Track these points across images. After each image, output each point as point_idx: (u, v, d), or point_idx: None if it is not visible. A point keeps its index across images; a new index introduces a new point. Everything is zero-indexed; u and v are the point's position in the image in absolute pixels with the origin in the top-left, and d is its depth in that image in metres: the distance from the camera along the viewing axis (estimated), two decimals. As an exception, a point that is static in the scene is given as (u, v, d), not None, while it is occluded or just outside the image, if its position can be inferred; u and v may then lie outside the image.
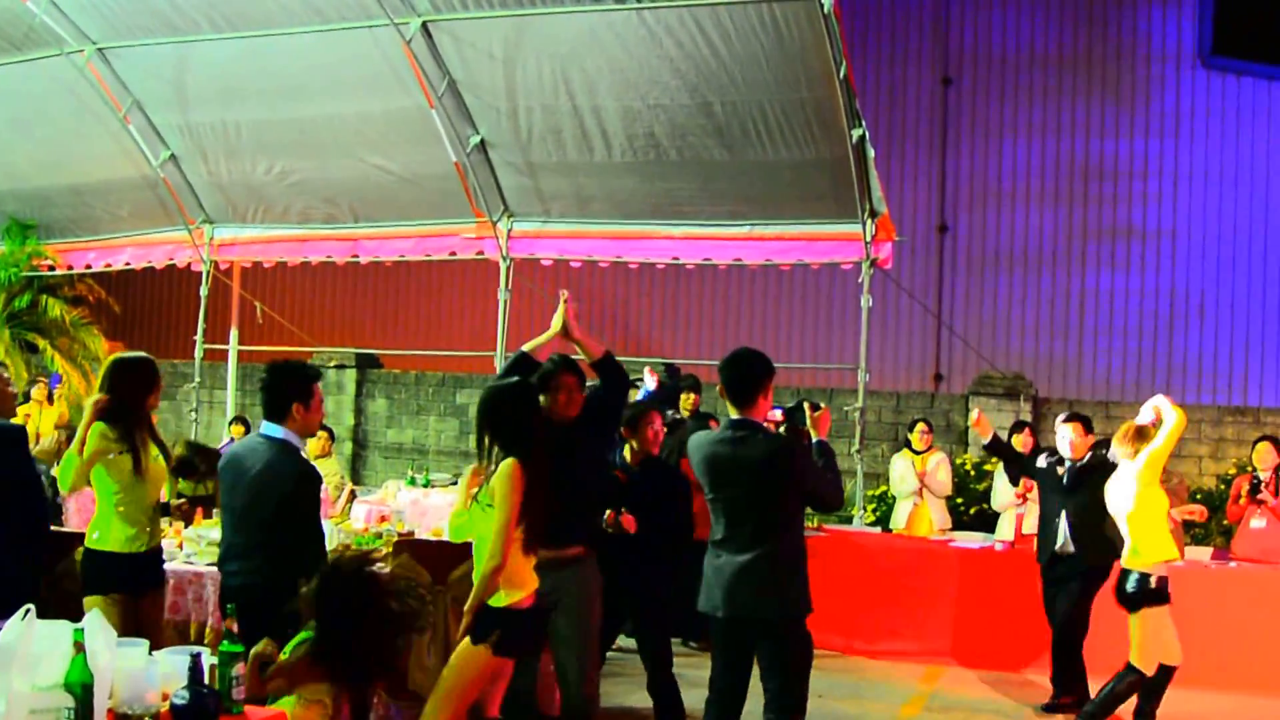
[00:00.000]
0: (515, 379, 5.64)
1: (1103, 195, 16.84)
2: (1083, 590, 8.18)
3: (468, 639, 5.14)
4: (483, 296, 12.95)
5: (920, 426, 11.28)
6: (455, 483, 11.27)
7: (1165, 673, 7.33)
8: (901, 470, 11.27)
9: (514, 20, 10.56)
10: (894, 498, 11.70)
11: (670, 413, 10.42)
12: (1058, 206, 16.98)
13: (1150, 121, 16.73)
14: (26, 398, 12.75)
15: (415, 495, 10.01)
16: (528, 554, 5.19)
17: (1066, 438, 8.31)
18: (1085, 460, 8.22)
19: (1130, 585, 7.24)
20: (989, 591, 9.78)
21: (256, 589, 5.09)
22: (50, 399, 13.45)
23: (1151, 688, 7.33)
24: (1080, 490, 8.15)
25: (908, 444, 11.38)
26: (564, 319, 6.16)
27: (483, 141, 11.71)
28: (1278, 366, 16.01)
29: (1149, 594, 7.20)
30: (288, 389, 5.44)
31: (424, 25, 10.77)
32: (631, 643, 10.20)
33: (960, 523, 11.83)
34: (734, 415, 5.59)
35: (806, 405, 6.23)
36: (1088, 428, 8.36)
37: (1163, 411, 7.39)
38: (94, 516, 5.67)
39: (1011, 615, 9.66)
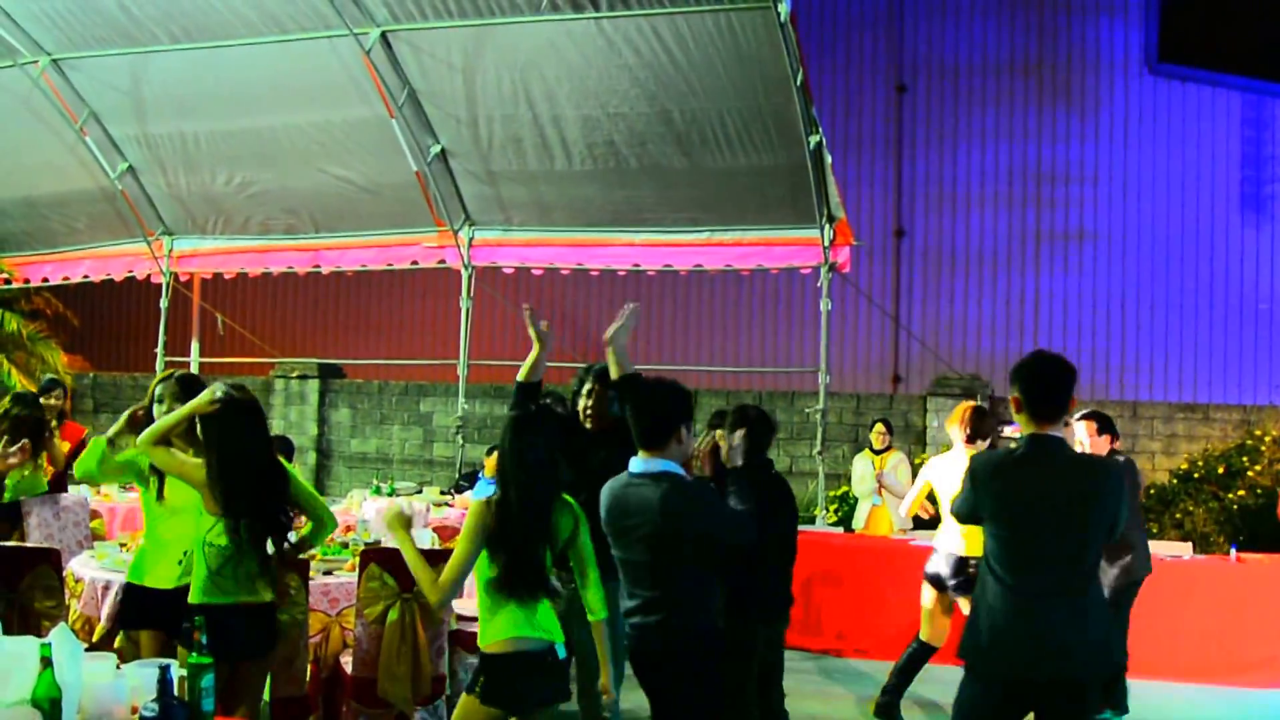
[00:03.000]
0: (533, 408, 5.46)
1: (1054, 199, 17.05)
2: (1114, 601, 7.46)
3: None
4: (445, 305, 12.97)
5: (878, 427, 11.40)
6: (420, 491, 11.32)
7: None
8: (861, 471, 11.39)
9: (473, 30, 10.61)
10: (855, 498, 11.80)
11: None
12: (1011, 210, 17.17)
13: (1100, 127, 16.96)
14: None
15: (380, 504, 10.02)
16: (501, 598, 4.66)
17: (1079, 437, 7.89)
18: None
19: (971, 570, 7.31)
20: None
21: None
22: None
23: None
24: None
25: (869, 445, 11.50)
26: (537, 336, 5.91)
27: (443, 151, 11.75)
28: (1225, 364, 16.27)
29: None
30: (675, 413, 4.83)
31: (383, 35, 10.81)
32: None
33: (920, 522, 11.92)
34: (1033, 430, 4.64)
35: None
36: (1104, 428, 7.87)
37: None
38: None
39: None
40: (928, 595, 7.84)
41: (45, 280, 14.49)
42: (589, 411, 6.15)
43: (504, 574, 4.63)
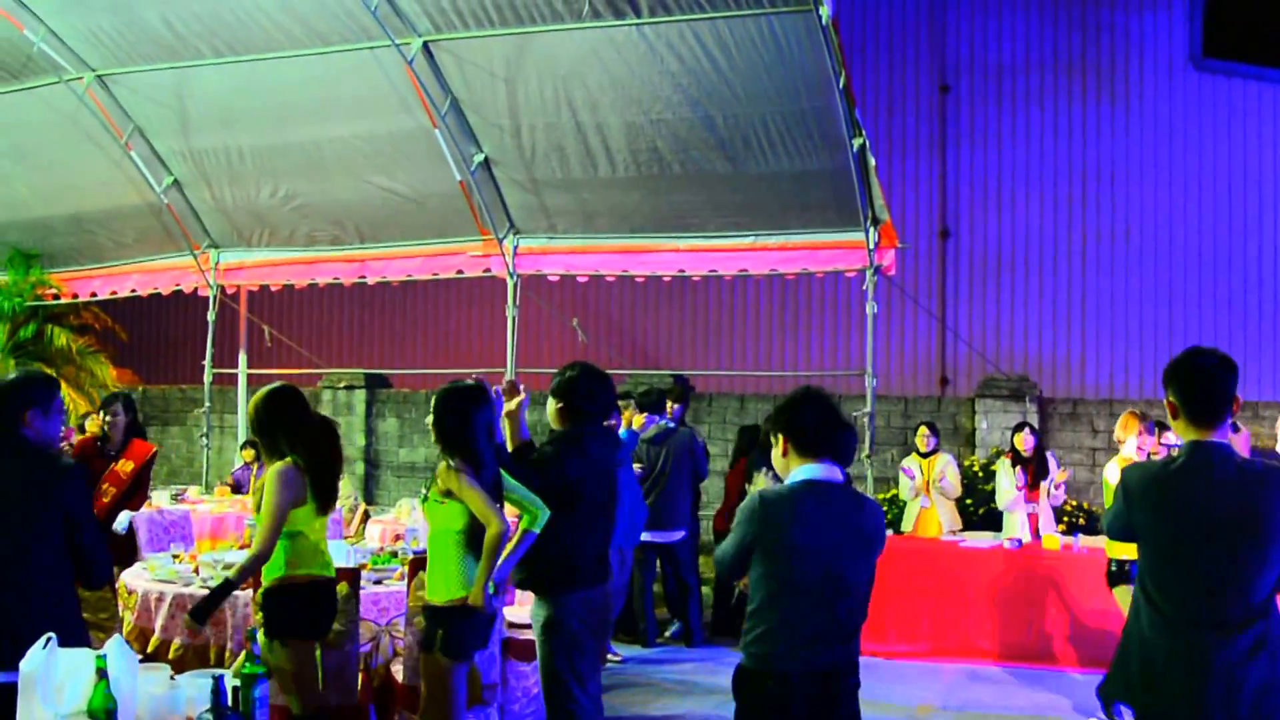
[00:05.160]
0: (470, 383, 5.71)
1: (1101, 197, 16.91)
2: None
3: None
4: (490, 314, 13.00)
5: (922, 430, 11.37)
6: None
7: None
8: (910, 473, 11.40)
9: (515, 38, 10.60)
10: (904, 501, 11.77)
11: (662, 420, 10.53)
12: (1057, 208, 17.05)
13: (1145, 123, 16.82)
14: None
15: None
16: (471, 557, 5.38)
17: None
18: None
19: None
20: (1000, 590, 9.86)
21: None
22: None
23: None
24: None
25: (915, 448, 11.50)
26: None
27: (486, 160, 11.75)
28: (1275, 362, 16.09)
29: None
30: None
31: (425, 45, 10.81)
32: (634, 649, 10.33)
33: (970, 523, 11.89)
34: (1192, 436, 4.17)
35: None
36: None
37: None
38: None
39: (1024, 612, 9.76)
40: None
41: (93, 295, 14.59)
42: None
43: (473, 534, 5.31)
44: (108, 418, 9.11)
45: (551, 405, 6.07)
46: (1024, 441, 10.85)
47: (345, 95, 11.43)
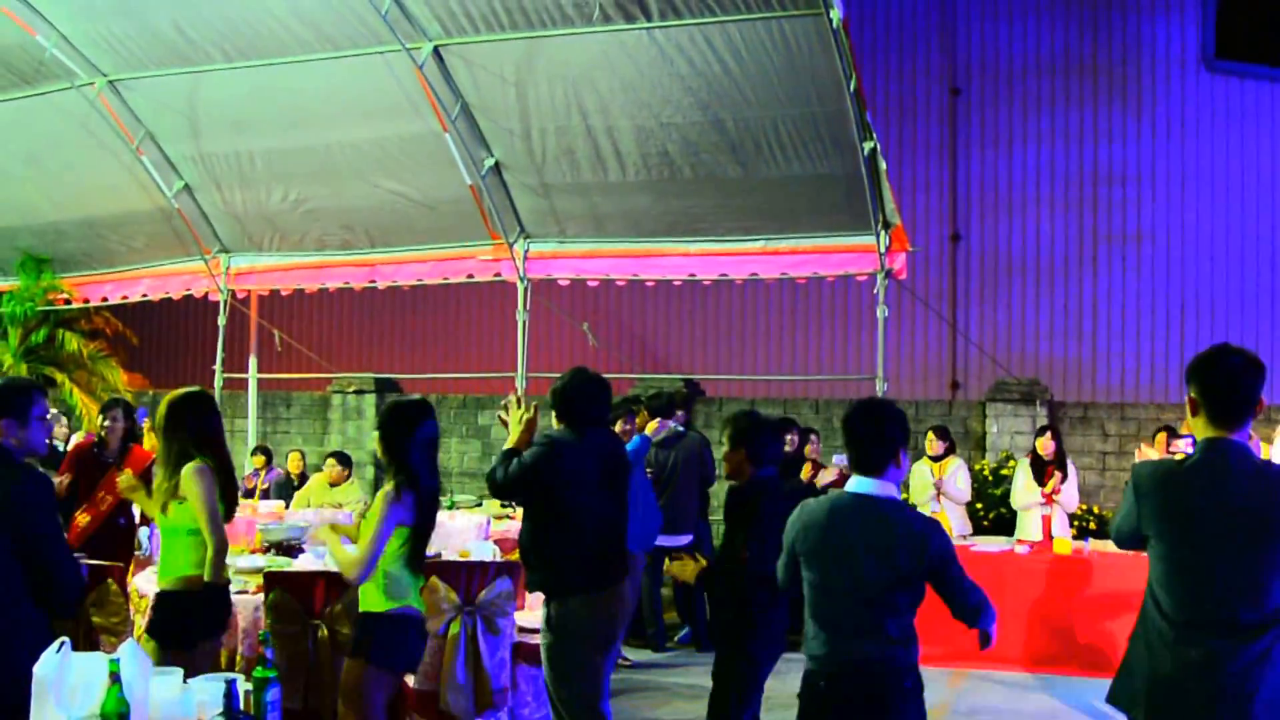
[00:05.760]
0: (416, 398, 5.78)
1: (1112, 200, 16.87)
2: None
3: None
4: (501, 318, 13.00)
5: (930, 435, 11.33)
6: (480, 504, 11.34)
7: None
8: (920, 478, 11.35)
9: (525, 42, 10.61)
10: (915, 505, 11.74)
11: (672, 425, 10.51)
12: (1068, 212, 17.01)
13: (1157, 126, 16.78)
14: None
15: (440, 518, 10.02)
16: (410, 571, 5.40)
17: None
18: None
19: None
20: (1011, 594, 9.82)
21: None
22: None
23: None
24: None
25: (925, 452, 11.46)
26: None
27: (497, 164, 11.77)
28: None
29: None
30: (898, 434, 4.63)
31: (435, 49, 10.83)
32: (644, 654, 10.32)
33: (980, 528, 11.86)
34: (1210, 434, 4.03)
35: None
36: None
37: None
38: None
39: (1036, 616, 9.73)
40: None
41: (104, 300, 14.64)
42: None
43: (415, 552, 5.38)
44: (106, 423, 9.02)
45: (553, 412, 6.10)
46: (1045, 446, 10.81)
47: (356, 99, 11.46)
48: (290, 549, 7.96)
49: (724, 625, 5.83)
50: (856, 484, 4.47)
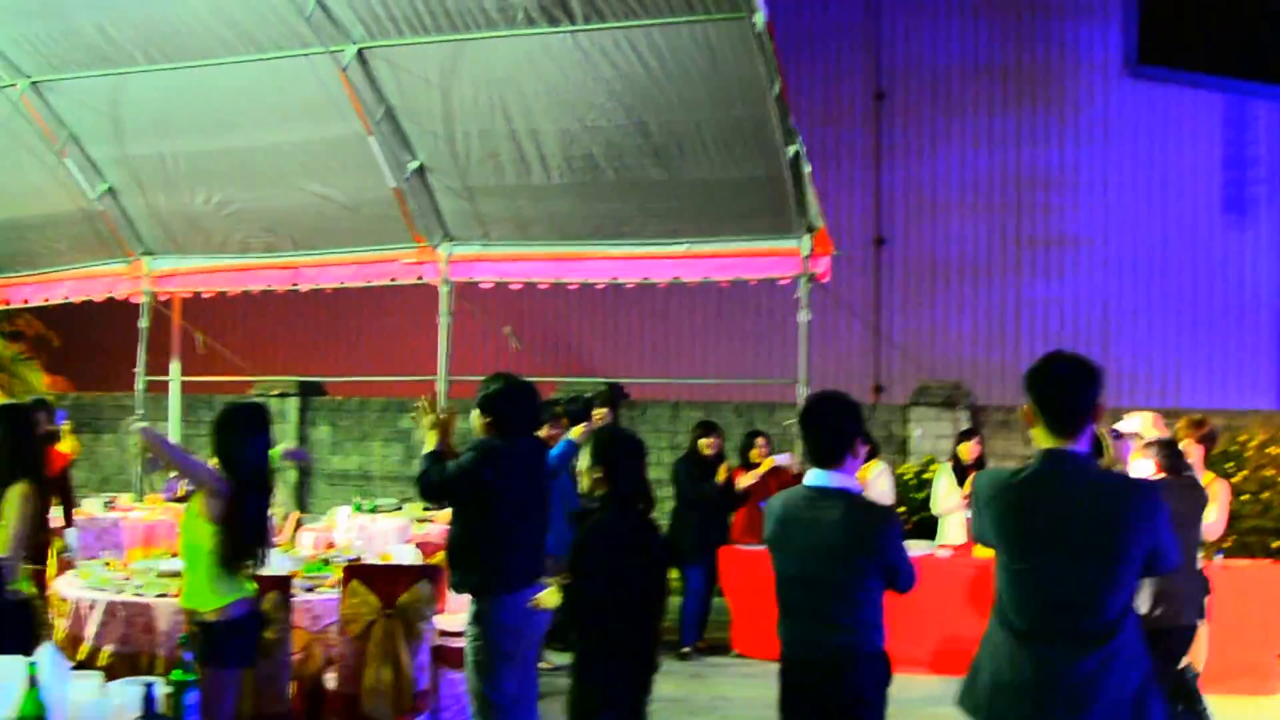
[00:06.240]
0: (253, 402, 5.98)
1: (1036, 204, 17.12)
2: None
3: None
4: (425, 321, 12.96)
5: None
6: (401, 508, 11.32)
7: None
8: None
9: (450, 45, 10.61)
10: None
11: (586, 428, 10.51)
12: (992, 216, 17.23)
13: (1080, 130, 17.05)
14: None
15: (362, 521, 10.03)
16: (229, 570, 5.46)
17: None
18: None
19: None
20: (932, 598, 9.91)
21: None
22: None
23: None
24: None
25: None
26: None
27: (421, 166, 11.73)
28: (1207, 369, 16.36)
29: None
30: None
31: (359, 52, 10.80)
32: (565, 657, 10.32)
33: (902, 531, 11.94)
34: (1048, 444, 4.00)
35: (1103, 431, 5.57)
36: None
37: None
38: None
39: (956, 621, 9.81)
40: None
41: (26, 302, 14.45)
42: None
43: (233, 549, 5.41)
44: None
45: (475, 417, 6.13)
46: (970, 450, 10.93)
47: (279, 101, 11.40)
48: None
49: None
50: (812, 477, 4.59)
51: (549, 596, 5.61)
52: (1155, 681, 3.93)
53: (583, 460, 5.45)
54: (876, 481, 11.19)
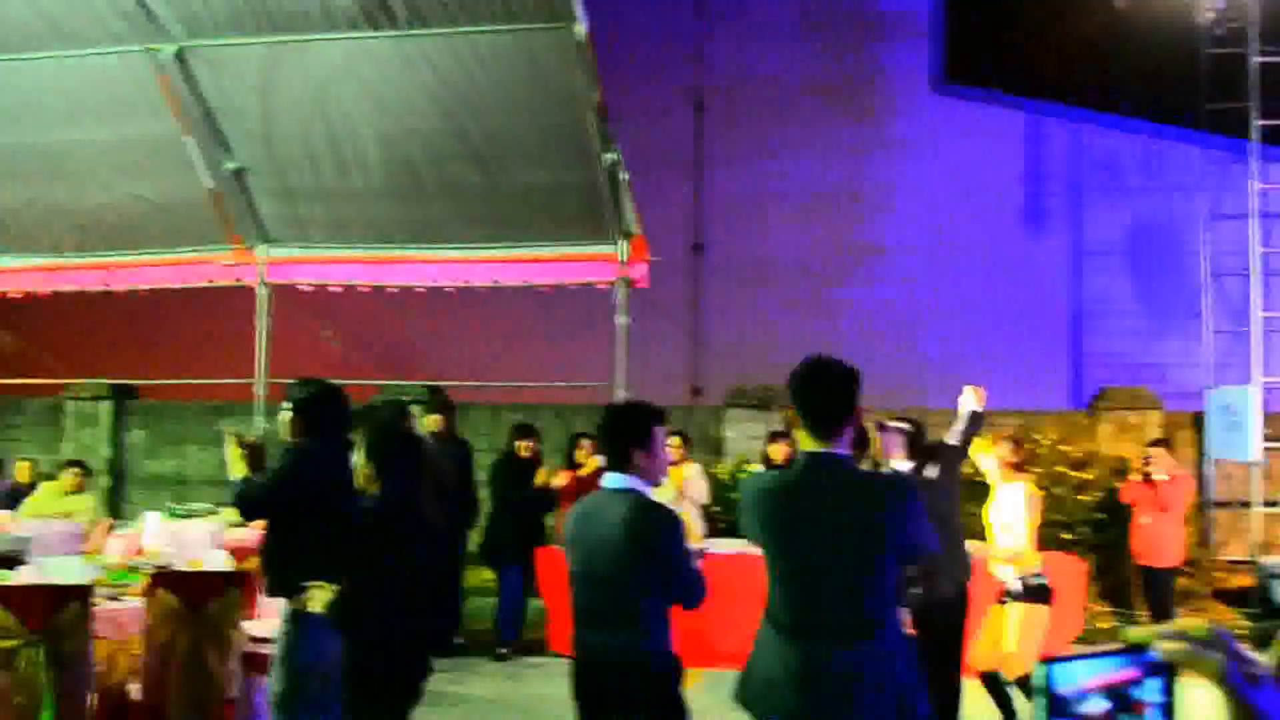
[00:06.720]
0: None
1: (850, 213, 17.61)
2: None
3: None
4: (243, 324, 12.79)
5: (674, 439, 11.61)
6: (217, 512, 11.16)
7: None
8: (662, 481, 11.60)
9: (271, 47, 10.51)
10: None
11: None
12: (809, 224, 17.66)
13: (892, 143, 17.58)
14: None
15: (174, 526, 9.87)
16: None
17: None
18: None
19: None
20: (745, 595, 10.10)
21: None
22: None
23: None
24: None
25: (664, 456, 11.72)
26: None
27: (240, 168, 11.61)
28: (1007, 371, 16.99)
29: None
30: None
31: (179, 51, 10.64)
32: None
33: (717, 530, 12.20)
34: (810, 447, 4.13)
35: (869, 424, 5.64)
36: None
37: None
38: None
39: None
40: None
41: None
42: None
43: None
44: None
45: (285, 419, 6.13)
46: (780, 451, 11.17)
47: (94, 98, 11.16)
48: (11, 560, 7.75)
49: None
50: (608, 479, 4.68)
51: (315, 597, 5.47)
52: (918, 672, 4.11)
53: (356, 457, 5.35)
54: (693, 482, 11.44)
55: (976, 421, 7.40)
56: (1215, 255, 15.63)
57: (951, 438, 7.52)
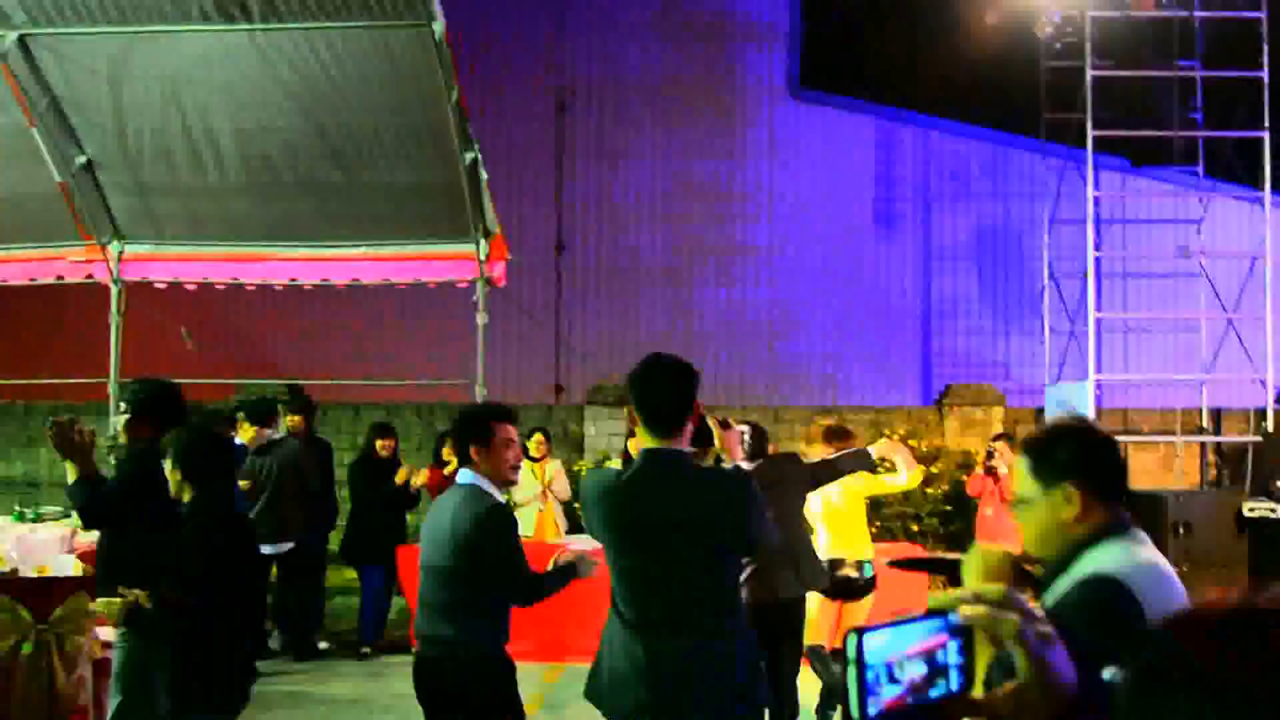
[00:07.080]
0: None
1: (710, 215, 17.83)
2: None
3: None
4: (96, 321, 12.49)
5: (537, 437, 11.68)
6: (68, 516, 10.91)
7: None
8: (523, 478, 11.63)
9: (120, 37, 10.25)
10: (517, 504, 12.03)
11: (269, 432, 10.46)
12: (670, 225, 17.84)
13: (749, 147, 17.88)
14: None
15: (20, 531, 9.63)
16: None
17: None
18: None
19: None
20: (596, 590, 10.16)
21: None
22: None
23: None
24: None
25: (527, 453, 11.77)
26: None
27: (90, 162, 11.35)
28: (859, 371, 17.39)
29: None
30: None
31: (21, 39, 10.37)
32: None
33: (578, 527, 12.28)
34: (651, 445, 4.21)
35: (713, 421, 5.69)
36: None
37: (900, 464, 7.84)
38: None
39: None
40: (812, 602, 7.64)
41: None
42: None
43: None
44: None
45: (122, 422, 6.03)
46: (637, 446, 11.26)
47: (-68, 88, 10.84)
48: None
49: None
50: (461, 475, 4.87)
51: (108, 607, 5.11)
52: (759, 664, 4.24)
53: (167, 464, 5.21)
54: (556, 478, 11.54)
55: (862, 459, 7.46)
56: (1055, 259, 16.17)
57: (826, 455, 7.62)
